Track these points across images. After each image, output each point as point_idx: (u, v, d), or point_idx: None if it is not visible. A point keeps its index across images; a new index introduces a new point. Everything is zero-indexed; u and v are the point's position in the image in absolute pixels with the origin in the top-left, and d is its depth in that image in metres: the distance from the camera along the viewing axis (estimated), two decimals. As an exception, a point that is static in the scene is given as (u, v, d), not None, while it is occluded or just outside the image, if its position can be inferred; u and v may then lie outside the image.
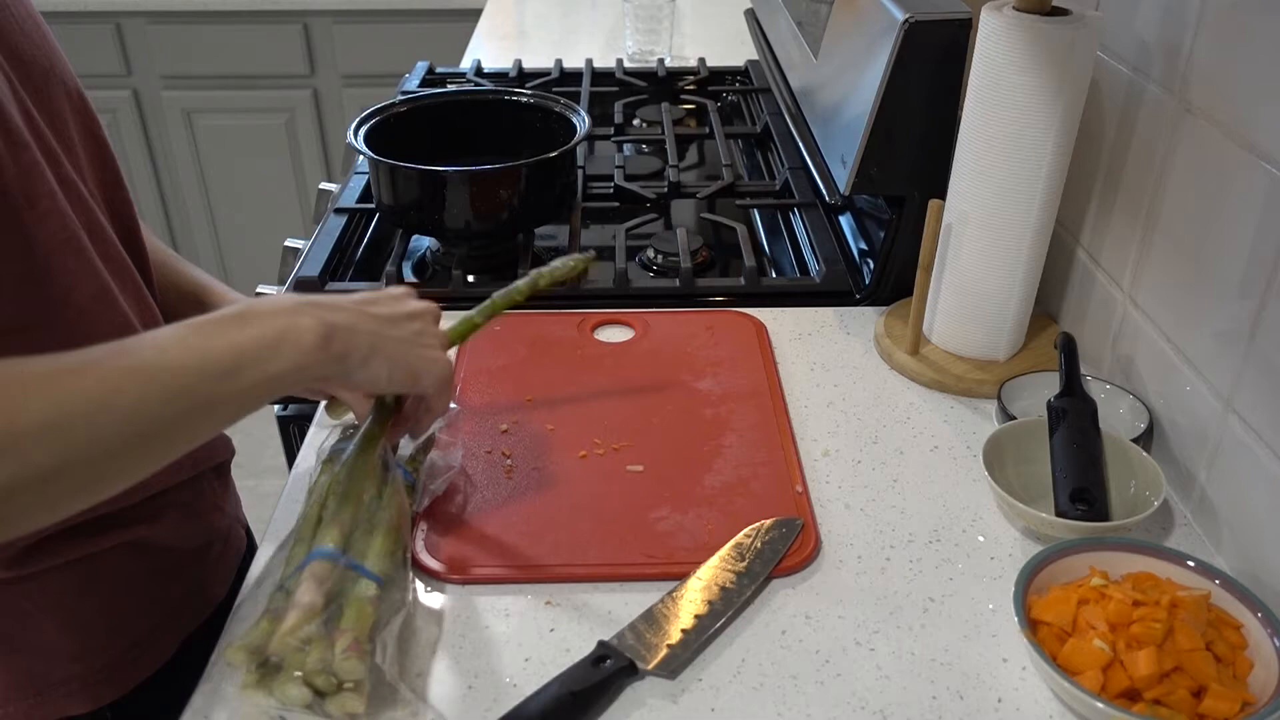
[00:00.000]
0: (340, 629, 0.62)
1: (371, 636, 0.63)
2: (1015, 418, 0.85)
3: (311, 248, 1.16)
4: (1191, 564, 0.68)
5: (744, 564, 0.72)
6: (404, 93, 1.46)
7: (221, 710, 0.63)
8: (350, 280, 1.13)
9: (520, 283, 0.83)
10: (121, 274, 0.71)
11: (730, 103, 1.66)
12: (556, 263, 0.85)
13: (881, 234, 1.07)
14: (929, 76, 0.94)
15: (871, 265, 1.08)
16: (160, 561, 0.78)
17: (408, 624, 0.68)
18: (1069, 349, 0.86)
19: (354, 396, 0.78)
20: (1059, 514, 0.75)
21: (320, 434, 0.86)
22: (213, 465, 0.84)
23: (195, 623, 0.81)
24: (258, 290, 1.18)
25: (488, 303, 0.82)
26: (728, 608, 0.69)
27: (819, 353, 1.00)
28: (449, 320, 0.78)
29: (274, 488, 0.81)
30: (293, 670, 0.60)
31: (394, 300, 0.71)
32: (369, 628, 0.63)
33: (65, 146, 0.68)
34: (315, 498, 0.71)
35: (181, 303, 0.83)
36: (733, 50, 1.87)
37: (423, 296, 0.74)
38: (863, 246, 1.15)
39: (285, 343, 0.59)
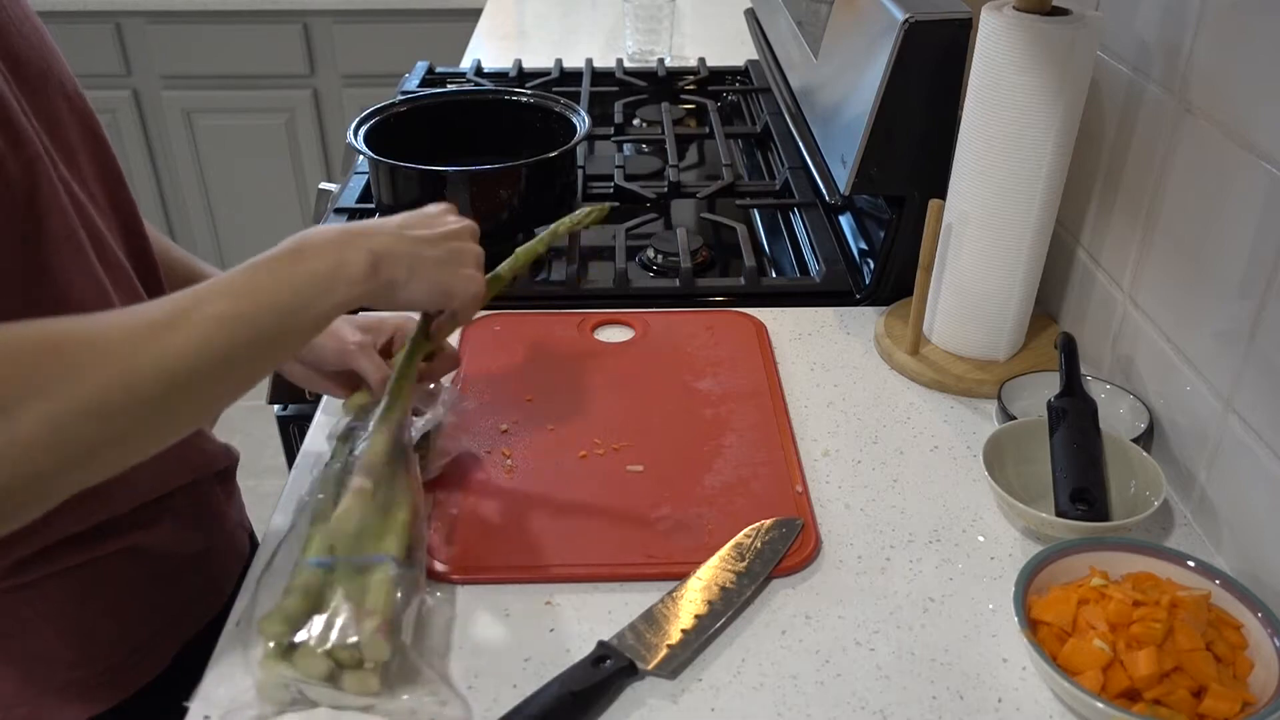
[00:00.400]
0: (366, 609, 0.62)
1: (395, 618, 0.63)
2: (1015, 418, 0.85)
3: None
4: (1191, 564, 0.68)
5: (744, 564, 0.72)
6: (404, 93, 1.46)
7: (236, 682, 0.63)
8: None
9: (542, 233, 0.86)
10: (117, 277, 0.71)
11: (730, 103, 1.66)
12: (577, 213, 0.88)
13: (881, 234, 1.07)
14: (929, 76, 0.94)
15: (871, 265, 1.08)
16: (161, 567, 0.78)
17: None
18: (1069, 349, 0.86)
19: (371, 366, 0.81)
20: (1059, 514, 0.75)
21: (322, 431, 0.86)
22: (214, 472, 0.84)
23: (197, 627, 0.81)
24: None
25: (511, 258, 0.84)
26: (728, 608, 0.69)
27: (819, 353, 1.00)
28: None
29: (274, 488, 0.81)
30: (318, 645, 0.61)
31: (432, 220, 0.74)
32: (392, 609, 0.63)
33: (61, 148, 0.68)
34: (331, 475, 0.71)
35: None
36: (733, 50, 1.87)
37: None
38: (863, 246, 1.15)
39: (338, 277, 0.64)
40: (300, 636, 0.61)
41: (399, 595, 0.64)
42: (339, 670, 0.61)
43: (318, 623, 0.62)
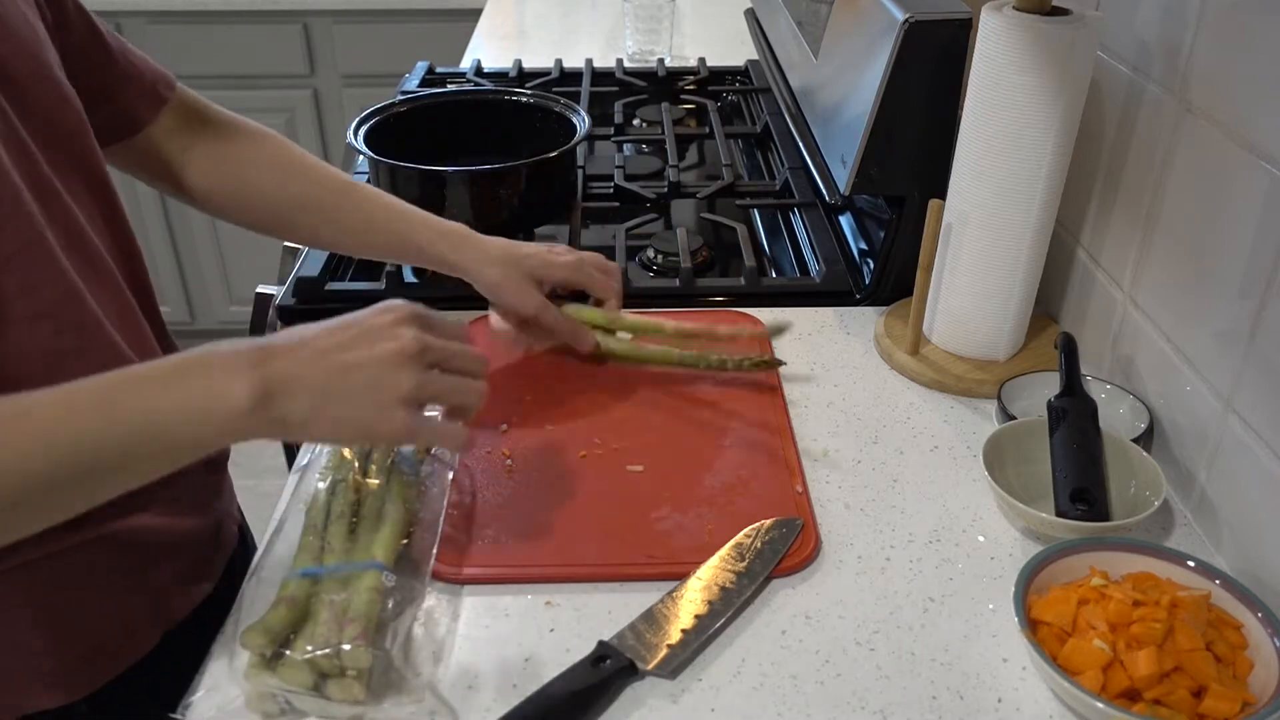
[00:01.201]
0: (349, 618, 0.62)
1: (380, 626, 0.63)
2: (1015, 418, 0.85)
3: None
4: (1191, 564, 0.68)
5: (744, 564, 0.72)
6: (404, 93, 1.46)
7: (223, 692, 0.63)
8: (350, 280, 1.13)
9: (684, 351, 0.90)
10: (99, 274, 0.71)
11: (730, 103, 1.66)
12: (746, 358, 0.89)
13: (881, 234, 1.07)
14: (929, 76, 0.94)
15: (871, 265, 1.08)
16: (136, 555, 0.77)
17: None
18: (1069, 349, 0.86)
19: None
20: (1059, 514, 0.75)
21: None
22: (201, 462, 0.84)
23: (179, 615, 0.81)
24: (257, 290, 1.18)
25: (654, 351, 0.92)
26: (728, 608, 0.69)
27: (819, 353, 1.00)
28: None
29: (274, 488, 0.81)
30: (299, 654, 0.61)
31: (370, 334, 0.63)
32: (377, 617, 0.63)
33: (49, 144, 0.68)
34: (326, 486, 0.71)
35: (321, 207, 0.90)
36: (733, 50, 1.87)
37: (422, 298, 0.71)
38: (863, 246, 1.15)
39: (213, 410, 0.58)
40: (283, 647, 0.62)
41: (388, 603, 0.64)
42: (323, 679, 0.61)
43: (300, 632, 0.62)
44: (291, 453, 1.17)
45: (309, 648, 0.61)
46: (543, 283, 0.91)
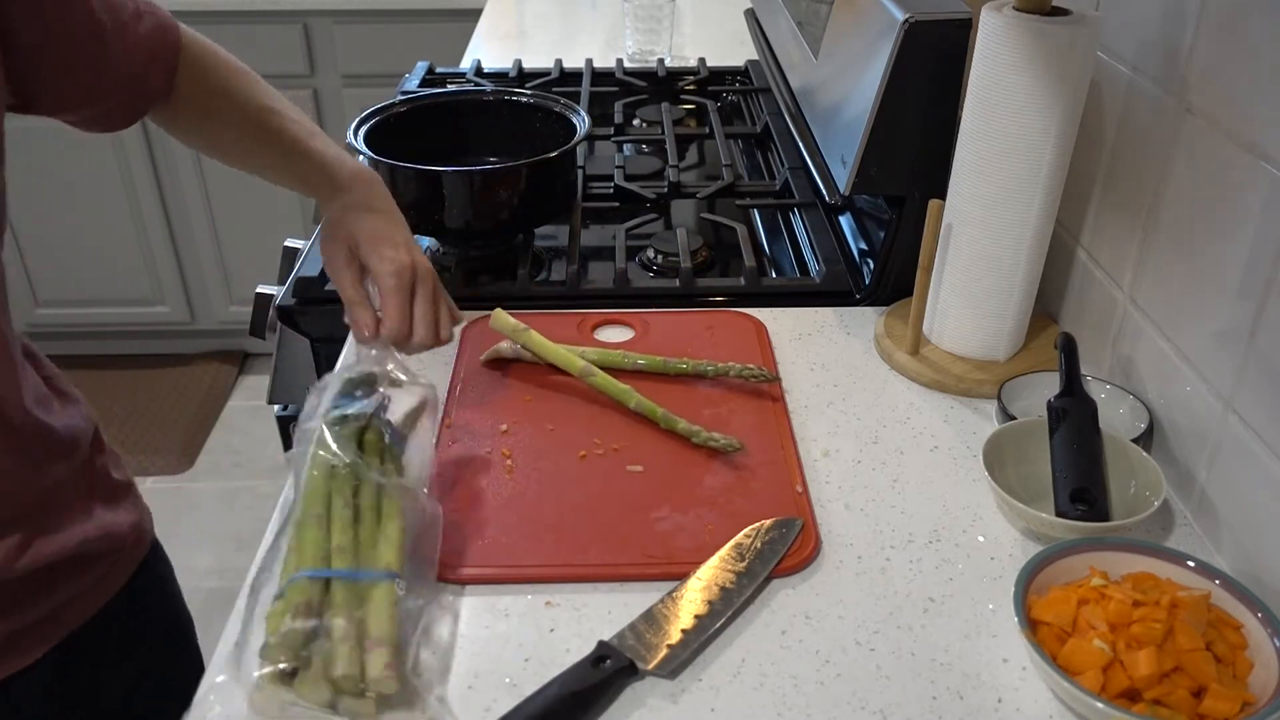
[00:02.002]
0: (373, 638, 0.61)
1: (401, 645, 0.62)
2: (1015, 418, 0.85)
3: (311, 248, 1.16)
4: (1191, 564, 0.68)
5: (744, 564, 0.72)
6: (404, 93, 1.46)
7: (226, 705, 0.63)
8: (350, 280, 1.12)
9: None
10: None
11: (730, 103, 1.66)
12: None
13: (881, 234, 1.07)
14: (929, 76, 0.94)
15: (871, 265, 1.08)
16: None
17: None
18: (1069, 349, 0.86)
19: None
20: (1059, 514, 0.75)
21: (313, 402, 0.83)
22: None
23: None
24: (257, 290, 1.18)
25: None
26: (728, 608, 0.69)
27: (819, 353, 1.00)
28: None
29: (274, 488, 0.81)
30: (320, 673, 0.60)
31: None
32: (398, 634, 0.62)
33: None
34: (320, 477, 0.71)
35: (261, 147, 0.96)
36: (733, 50, 1.87)
37: None
38: (863, 246, 1.15)
39: None
40: (304, 663, 0.61)
41: (399, 618, 0.63)
42: (338, 696, 0.61)
43: (322, 649, 0.61)
44: (291, 453, 1.17)
45: (339, 666, 0.60)
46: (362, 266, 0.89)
